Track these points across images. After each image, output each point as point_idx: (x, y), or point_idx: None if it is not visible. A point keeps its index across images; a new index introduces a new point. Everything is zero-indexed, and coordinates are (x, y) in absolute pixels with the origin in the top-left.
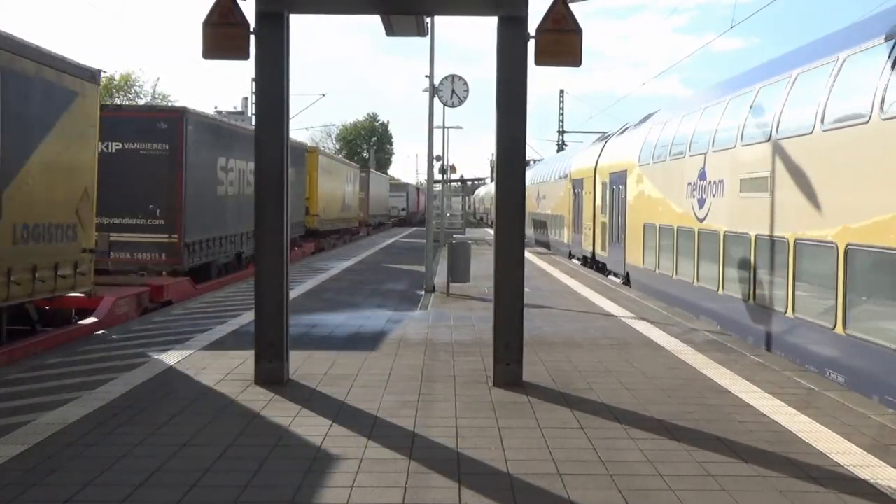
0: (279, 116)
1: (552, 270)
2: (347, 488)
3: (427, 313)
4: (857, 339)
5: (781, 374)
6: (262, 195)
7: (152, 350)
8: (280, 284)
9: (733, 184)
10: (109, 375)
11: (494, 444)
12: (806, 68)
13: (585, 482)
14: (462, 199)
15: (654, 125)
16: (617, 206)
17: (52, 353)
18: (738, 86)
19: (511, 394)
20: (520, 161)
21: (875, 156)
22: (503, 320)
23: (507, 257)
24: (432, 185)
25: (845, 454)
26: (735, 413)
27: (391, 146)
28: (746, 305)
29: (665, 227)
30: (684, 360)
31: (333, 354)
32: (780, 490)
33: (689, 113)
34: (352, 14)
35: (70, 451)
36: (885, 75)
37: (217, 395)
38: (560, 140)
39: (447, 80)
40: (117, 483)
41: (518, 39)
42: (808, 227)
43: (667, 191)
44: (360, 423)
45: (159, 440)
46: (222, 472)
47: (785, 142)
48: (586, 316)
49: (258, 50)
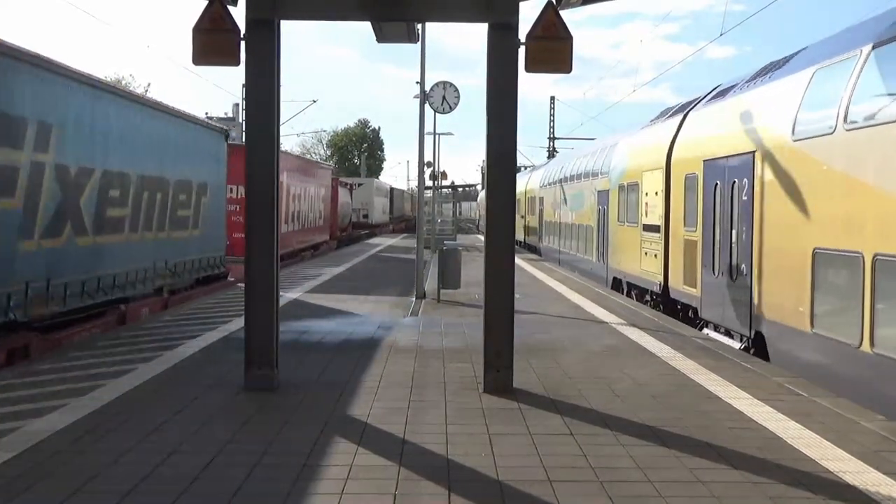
0: (269, 122)
1: (543, 277)
2: (337, 495)
3: (417, 319)
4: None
5: (772, 380)
6: (252, 200)
7: (141, 356)
8: (270, 291)
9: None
10: (98, 382)
11: (485, 450)
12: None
13: (576, 489)
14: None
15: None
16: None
17: (41, 360)
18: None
19: (502, 400)
20: (510, 167)
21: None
22: (494, 327)
23: (497, 263)
24: (423, 192)
25: (836, 460)
26: (726, 419)
27: (382, 153)
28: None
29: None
30: (675, 366)
31: (324, 361)
32: (771, 496)
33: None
34: (342, 20)
35: (58, 459)
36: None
37: (206, 402)
38: (550, 146)
39: (438, 86)
40: (105, 490)
41: (508, 46)
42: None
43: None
44: (350, 430)
45: (148, 447)
46: (211, 479)
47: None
48: (577, 322)
49: (248, 56)
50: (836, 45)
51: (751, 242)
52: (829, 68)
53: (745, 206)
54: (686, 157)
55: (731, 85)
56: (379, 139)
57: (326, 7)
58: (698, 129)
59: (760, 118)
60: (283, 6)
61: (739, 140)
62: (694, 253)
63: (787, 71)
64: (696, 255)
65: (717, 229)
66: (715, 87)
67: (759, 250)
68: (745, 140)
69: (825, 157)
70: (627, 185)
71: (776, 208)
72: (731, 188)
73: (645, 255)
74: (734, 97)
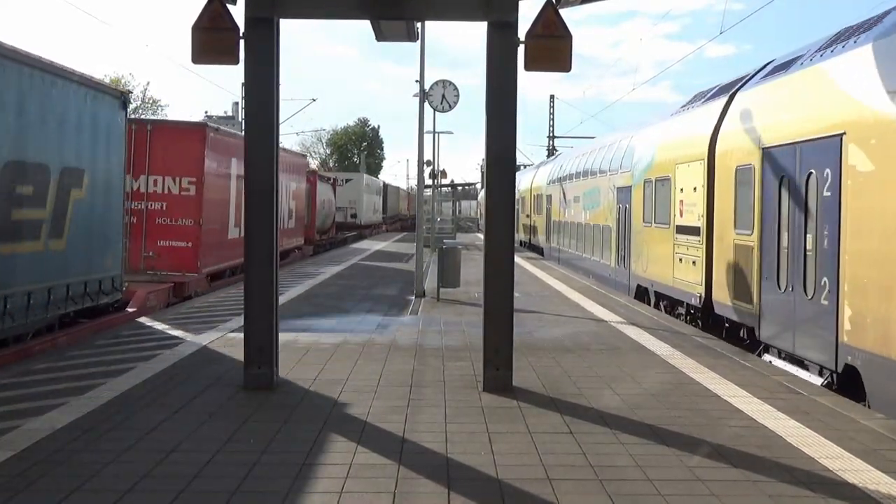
0: (269, 121)
1: (542, 275)
2: (336, 494)
3: (417, 318)
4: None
5: (771, 378)
6: (251, 200)
7: (140, 355)
8: (269, 289)
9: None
10: (97, 381)
11: (484, 449)
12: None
13: (575, 487)
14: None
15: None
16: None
17: (39, 359)
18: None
19: (501, 399)
20: (510, 166)
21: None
22: (493, 325)
23: (496, 262)
24: (423, 190)
25: (834, 459)
26: (725, 418)
27: (382, 151)
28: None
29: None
30: (674, 364)
31: (323, 359)
32: (769, 494)
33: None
34: (341, 19)
35: (57, 457)
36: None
37: (205, 401)
38: (550, 145)
39: (437, 85)
40: (104, 489)
41: (508, 45)
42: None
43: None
44: (350, 429)
45: (147, 446)
46: (210, 478)
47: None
48: (577, 321)
49: (247, 54)
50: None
51: (837, 249)
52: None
53: (829, 204)
54: (737, 146)
55: (795, 57)
56: (378, 138)
57: (325, 5)
58: (753, 111)
59: (853, 90)
60: (281, 4)
61: (819, 120)
62: (749, 261)
63: (889, 30)
64: (753, 263)
65: (786, 233)
66: (767, 63)
67: (853, 259)
68: (829, 119)
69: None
70: (656, 181)
71: (879, 205)
72: (805, 182)
73: (679, 261)
74: (804, 69)
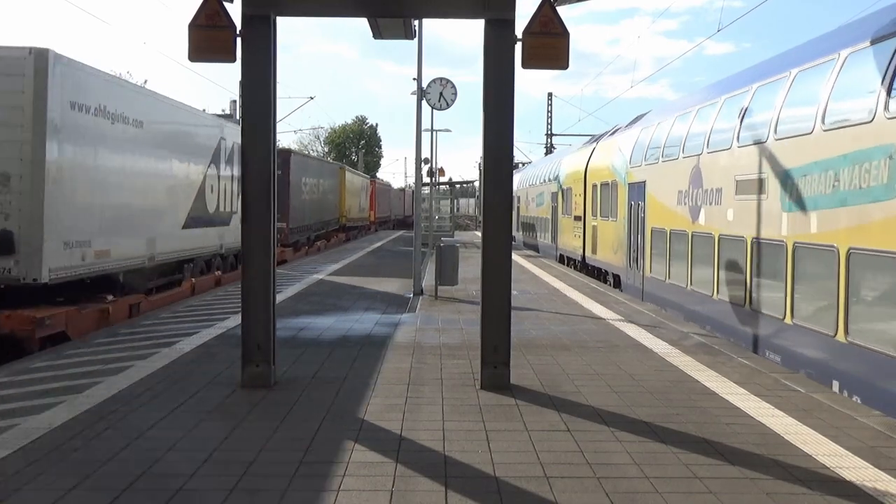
0: (266, 119)
1: (541, 273)
2: (334, 492)
3: (415, 316)
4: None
5: (769, 376)
6: (248, 196)
7: (138, 354)
8: (267, 287)
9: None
10: (95, 379)
11: (482, 447)
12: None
13: (573, 485)
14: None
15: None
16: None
17: (37, 358)
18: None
19: (499, 397)
20: (507, 164)
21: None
22: (491, 323)
23: (494, 260)
24: (420, 188)
25: (832, 456)
26: (722, 415)
27: (380, 149)
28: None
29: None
30: (672, 362)
31: (321, 358)
32: (767, 492)
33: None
34: (339, 16)
35: (55, 455)
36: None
37: (203, 399)
38: (548, 143)
39: (435, 83)
40: (102, 487)
41: (505, 42)
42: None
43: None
44: (347, 427)
45: (144, 444)
46: (208, 476)
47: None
48: (574, 319)
49: (244, 52)
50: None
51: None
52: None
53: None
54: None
55: (617, 127)
56: (376, 136)
57: (323, 2)
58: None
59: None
60: (279, 2)
61: (610, 170)
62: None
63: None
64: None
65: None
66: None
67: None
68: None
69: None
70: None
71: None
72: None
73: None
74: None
